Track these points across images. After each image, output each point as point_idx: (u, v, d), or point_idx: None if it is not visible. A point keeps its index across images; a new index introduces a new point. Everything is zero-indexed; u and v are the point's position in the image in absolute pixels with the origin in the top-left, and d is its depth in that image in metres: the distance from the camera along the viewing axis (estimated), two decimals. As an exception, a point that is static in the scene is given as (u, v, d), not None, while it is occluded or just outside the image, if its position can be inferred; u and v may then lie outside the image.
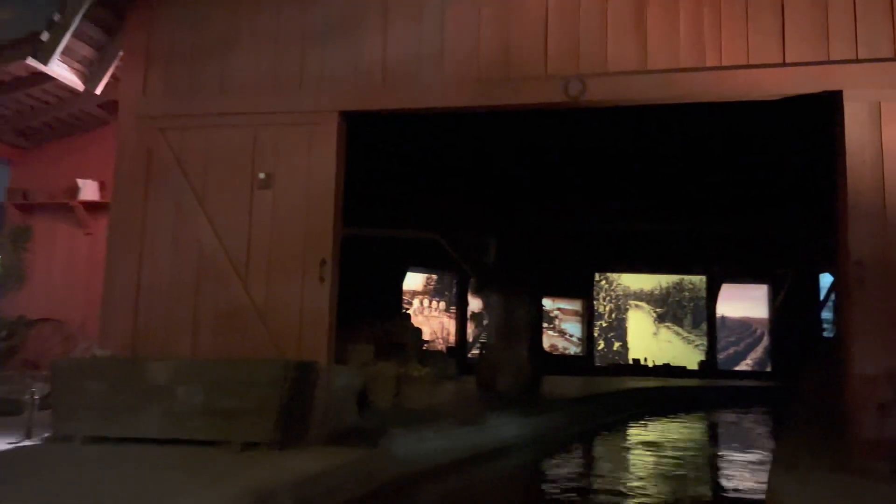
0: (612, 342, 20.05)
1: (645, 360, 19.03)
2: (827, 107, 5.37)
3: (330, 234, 5.95)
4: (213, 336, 6.03)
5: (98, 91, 7.68)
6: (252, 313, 5.97)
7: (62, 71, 7.24)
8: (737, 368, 19.07)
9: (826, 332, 17.93)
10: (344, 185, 6.16)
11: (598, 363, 18.92)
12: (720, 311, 19.21)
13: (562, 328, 19.41)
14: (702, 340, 19.39)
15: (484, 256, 11.85)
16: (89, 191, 8.96)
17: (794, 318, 17.58)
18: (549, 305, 18.87)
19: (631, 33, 5.65)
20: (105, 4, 6.84)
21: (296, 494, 4.45)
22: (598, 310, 19.71)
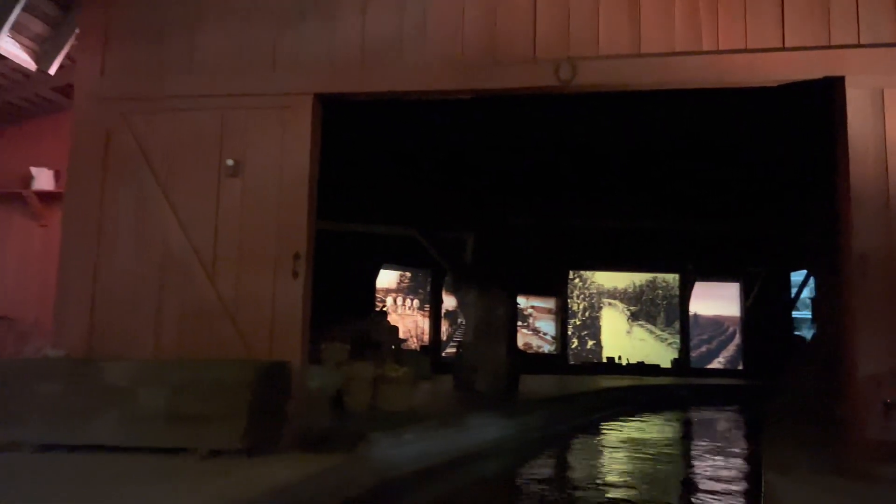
0: (586, 340, 20.02)
1: (619, 358, 19.06)
2: (827, 94, 5.17)
3: (304, 226, 5.58)
4: (177, 335, 5.63)
5: (52, 71, 7.19)
6: (220, 311, 5.58)
7: (12, 48, 6.73)
8: (709, 366, 19.20)
9: (797, 331, 18.15)
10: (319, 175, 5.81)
11: (571, 362, 18.93)
12: (693, 309, 19.38)
13: (536, 326, 19.34)
14: (675, 339, 19.51)
15: (462, 253, 11.58)
16: (44, 180, 8.51)
17: (766, 316, 17.80)
18: (524, 303, 18.79)
19: (624, 15, 5.38)
20: (59, -25, 6.37)
21: (267, 507, 4.10)
22: (571, 308, 19.73)
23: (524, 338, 18.76)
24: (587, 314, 20.10)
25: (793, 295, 18.14)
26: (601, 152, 9.55)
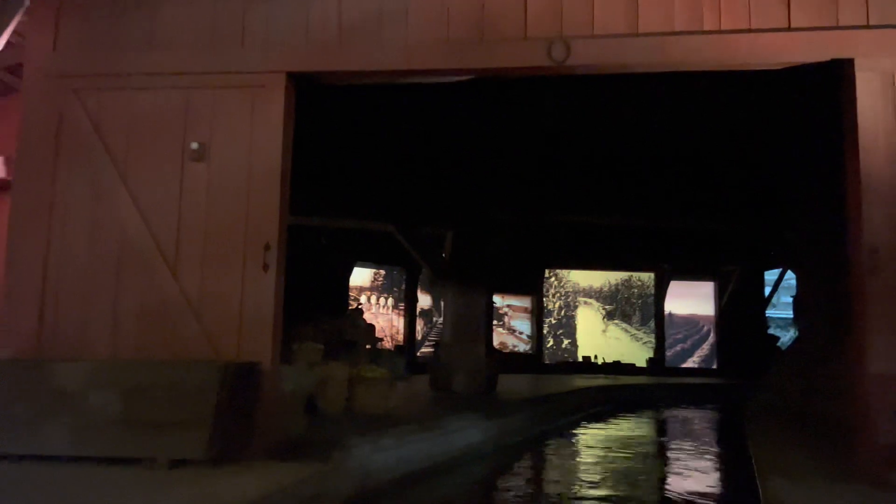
0: (562, 339, 19.89)
1: (594, 357, 18.96)
2: (835, 78, 4.92)
3: (275, 215, 5.18)
4: (136, 334, 5.21)
5: (-1, 48, 6.64)
6: (183, 307, 5.16)
7: (-46, 22, 6.19)
8: (684, 365, 19.22)
9: (770, 330, 18.26)
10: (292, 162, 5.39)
11: (547, 361, 18.80)
12: (668, 308, 19.44)
13: (511, 325, 19.14)
14: (650, 338, 19.52)
15: (440, 250, 11.24)
16: (-7, 168, 7.93)
17: (740, 315, 17.86)
18: (500, 302, 18.58)
19: (621, -9, 5.07)
20: (7, -59, 5.84)
21: (234, 525, 3.71)
22: (547, 307, 19.61)
23: (500, 337, 18.59)
24: (563, 313, 19.97)
25: (766, 294, 18.26)
26: (579, 146, 9.37)
